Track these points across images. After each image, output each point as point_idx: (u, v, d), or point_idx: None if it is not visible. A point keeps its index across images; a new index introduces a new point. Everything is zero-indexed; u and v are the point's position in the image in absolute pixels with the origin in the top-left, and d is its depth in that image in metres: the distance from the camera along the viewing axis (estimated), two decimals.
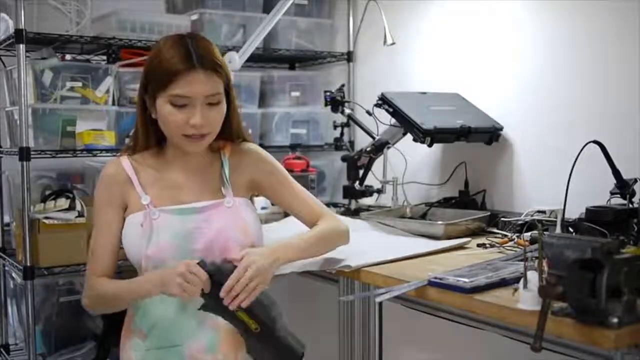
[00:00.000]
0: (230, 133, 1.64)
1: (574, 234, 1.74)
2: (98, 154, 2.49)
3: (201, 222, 1.54)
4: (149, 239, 1.51)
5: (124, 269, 1.70)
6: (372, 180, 2.51)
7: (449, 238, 1.99)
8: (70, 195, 2.44)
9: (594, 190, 1.83)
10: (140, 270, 1.55)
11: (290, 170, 2.65)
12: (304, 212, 1.70)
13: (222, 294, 1.42)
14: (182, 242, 1.52)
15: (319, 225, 1.66)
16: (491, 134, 2.31)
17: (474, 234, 2.07)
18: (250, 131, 2.88)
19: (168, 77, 1.47)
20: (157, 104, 1.51)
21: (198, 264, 1.43)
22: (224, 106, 1.55)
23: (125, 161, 1.60)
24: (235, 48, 2.58)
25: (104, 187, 1.60)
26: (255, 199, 1.76)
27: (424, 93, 2.46)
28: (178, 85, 1.47)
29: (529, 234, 1.90)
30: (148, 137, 1.60)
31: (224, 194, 1.59)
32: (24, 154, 2.30)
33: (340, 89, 2.72)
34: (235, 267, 1.45)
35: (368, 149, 2.44)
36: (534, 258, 1.38)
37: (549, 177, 2.17)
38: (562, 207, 1.72)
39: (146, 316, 1.54)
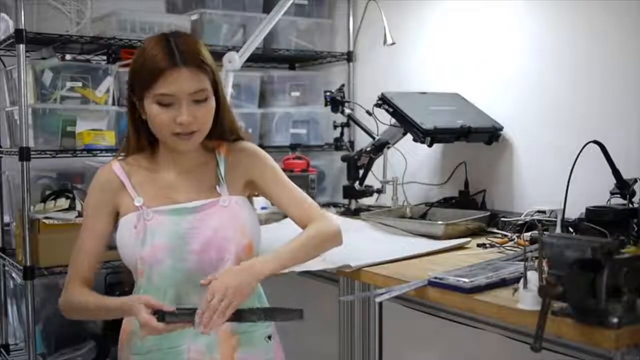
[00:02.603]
0: (223, 131, 1.62)
1: (574, 234, 1.74)
2: (98, 154, 2.49)
3: (197, 222, 1.52)
4: (143, 241, 1.49)
5: (123, 269, 1.70)
6: (372, 180, 2.51)
7: (449, 238, 1.98)
8: (70, 195, 2.44)
9: (594, 190, 1.83)
10: (135, 272, 1.53)
11: (290, 171, 2.67)
12: (296, 212, 1.66)
13: (196, 320, 1.40)
14: (178, 242, 1.50)
15: (308, 228, 1.62)
16: (491, 134, 2.31)
17: (474, 234, 2.07)
18: (250, 131, 2.89)
19: (151, 77, 1.45)
20: (144, 104, 1.50)
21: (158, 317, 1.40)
22: (212, 102, 1.53)
23: (116, 165, 1.58)
24: (235, 48, 2.58)
25: (94, 194, 1.59)
26: (255, 199, 1.74)
27: (424, 93, 2.46)
28: (161, 85, 1.45)
29: (529, 234, 1.90)
30: (140, 139, 1.58)
31: (219, 192, 1.58)
32: (24, 154, 2.30)
33: (340, 89, 2.72)
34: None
35: (368, 149, 2.44)
36: (534, 258, 1.38)
37: (549, 177, 2.16)
38: (562, 207, 1.72)
39: None
